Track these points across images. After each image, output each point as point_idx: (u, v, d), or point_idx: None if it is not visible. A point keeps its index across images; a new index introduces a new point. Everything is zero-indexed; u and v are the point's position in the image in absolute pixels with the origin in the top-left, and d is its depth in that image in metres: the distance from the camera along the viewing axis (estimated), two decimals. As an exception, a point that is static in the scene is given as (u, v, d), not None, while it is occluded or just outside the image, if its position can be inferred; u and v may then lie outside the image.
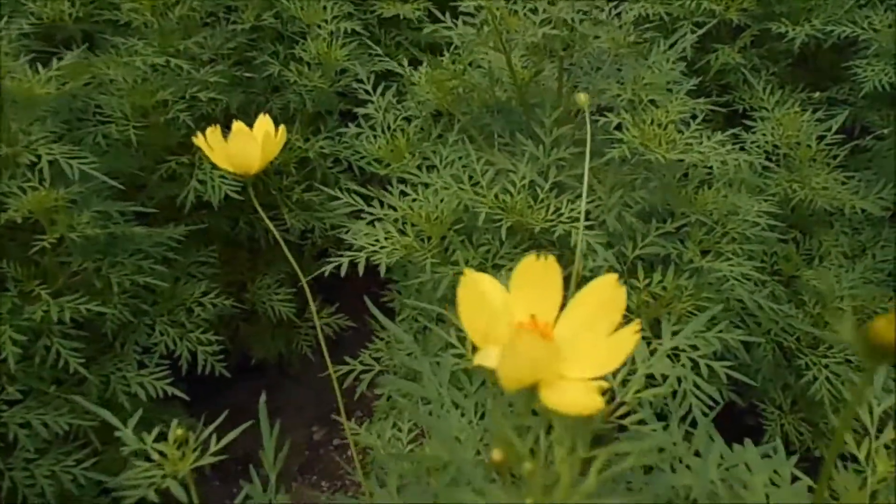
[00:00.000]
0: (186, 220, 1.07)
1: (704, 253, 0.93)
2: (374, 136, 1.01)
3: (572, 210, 0.84)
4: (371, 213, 0.92)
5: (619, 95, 0.86)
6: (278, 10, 1.18)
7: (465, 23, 0.89)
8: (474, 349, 0.36)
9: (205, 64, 1.13)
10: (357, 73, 1.05)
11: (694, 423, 0.49)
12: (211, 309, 1.01)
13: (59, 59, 0.95)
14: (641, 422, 0.44)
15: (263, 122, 0.68)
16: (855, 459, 0.47)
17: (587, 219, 0.84)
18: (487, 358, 0.35)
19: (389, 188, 0.95)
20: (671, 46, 0.89)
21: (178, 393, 0.94)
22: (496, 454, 0.38)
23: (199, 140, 0.65)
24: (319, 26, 1.15)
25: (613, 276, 0.36)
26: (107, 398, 0.92)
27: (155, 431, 0.52)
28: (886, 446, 0.47)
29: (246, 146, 0.64)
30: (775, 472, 0.47)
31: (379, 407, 0.94)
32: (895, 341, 0.33)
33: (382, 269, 0.83)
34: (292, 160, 1.14)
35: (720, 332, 0.88)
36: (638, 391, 0.44)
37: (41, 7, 1.08)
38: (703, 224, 0.93)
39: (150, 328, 0.99)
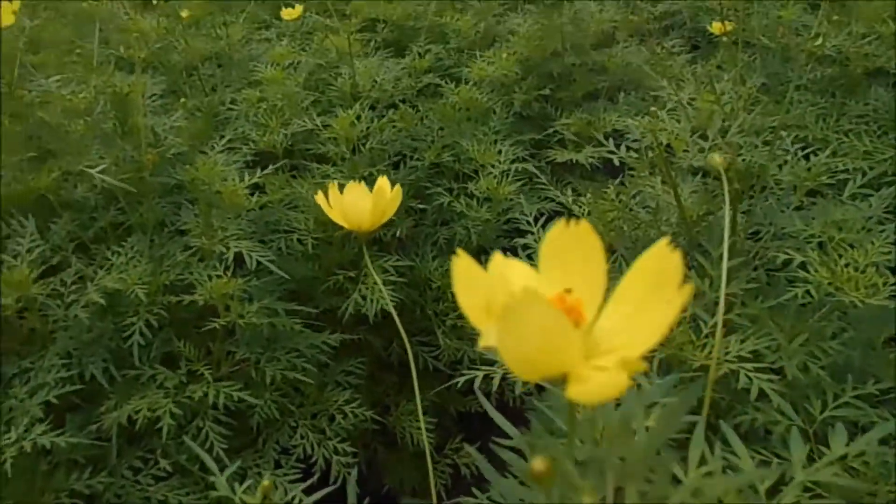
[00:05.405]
0: (344, 330, 1.11)
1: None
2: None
3: (740, 350, 0.76)
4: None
5: (804, 231, 0.79)
6: (457, 151, 1.27)
7: (628, 148, 0.89)
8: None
9: (385, 194, 1.22)
10: (522, 208, 1.08)
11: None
12: (352, 418, 1.01)
13: (263, 168, 1.08)
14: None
15: (381, 182, 0.74)
16: None
17: (759, 361, 0.75)
18: (489, 336, 0.28)
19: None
20: (865, 176, 0.82)
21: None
22: (538, 463, 0.31)
23: (319, 197, 0.73)
24: (493, 165, 1.22)
25: (664, 241, 0.30)
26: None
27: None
28: None
29: (358, 200, 0.71)
30: None
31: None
32: None
33: (517, 390, 0.79)
34: (450, 286, 1.16)
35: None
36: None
37: (260, 136, 1.26)
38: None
39: (293, 429, 1.00)
